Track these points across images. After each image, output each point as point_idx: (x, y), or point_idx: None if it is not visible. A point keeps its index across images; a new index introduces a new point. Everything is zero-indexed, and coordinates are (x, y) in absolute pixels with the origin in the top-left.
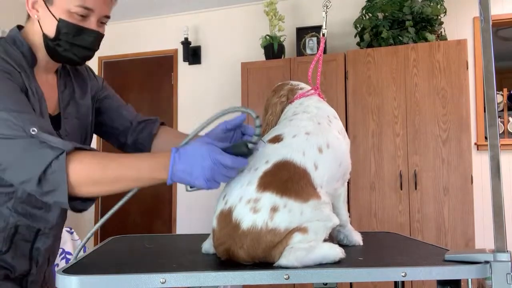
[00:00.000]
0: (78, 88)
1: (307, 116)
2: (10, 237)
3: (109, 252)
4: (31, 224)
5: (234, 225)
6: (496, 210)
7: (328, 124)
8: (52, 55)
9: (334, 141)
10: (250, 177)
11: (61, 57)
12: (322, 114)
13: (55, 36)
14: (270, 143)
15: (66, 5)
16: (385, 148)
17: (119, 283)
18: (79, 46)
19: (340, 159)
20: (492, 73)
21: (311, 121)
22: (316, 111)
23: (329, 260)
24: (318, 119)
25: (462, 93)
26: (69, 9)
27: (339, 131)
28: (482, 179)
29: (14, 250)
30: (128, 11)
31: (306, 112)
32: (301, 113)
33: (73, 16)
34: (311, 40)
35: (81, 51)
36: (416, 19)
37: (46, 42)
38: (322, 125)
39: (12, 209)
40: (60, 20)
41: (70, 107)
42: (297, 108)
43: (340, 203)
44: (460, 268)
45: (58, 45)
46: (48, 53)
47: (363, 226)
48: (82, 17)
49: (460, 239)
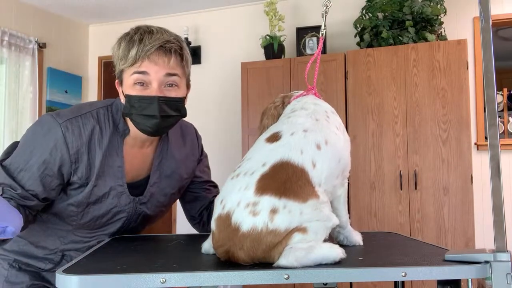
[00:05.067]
0: (183, 150)
1: (305, 112)
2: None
3: (109, 252)
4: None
5: (234, 228)
6: (496, 210)
7: (326, 120)
8: (139, 129)
9: (333, 137)
10: (248, 181)
11: (145, 131)
12: (320, 110)
13: (128, 112)
14: (268, 142)
15: (128, 79)
16: (385, 148)
17: (119, 283)
18: (146, 116)
19: (339, 155)
20: (492, 73)
21: (309, 117)
22: (314, 107)
23: (329, 261)
24: (316, 115)
25: (462, 93)
26: (131, 82)
27: (338, 127)
28: (482, 179)
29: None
30: (128, 11)
31: (304, 108)
32: (299, 109)
33: (135, 88)
34: (311, 40)
35: (149, 120)
36: (416, 19)
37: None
38: (320, 122)
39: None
40: (127, 95)
41: (161, 172)
42: (295, 105)
43: (340, 204)
44: (460, 268)
45: (132, 119)
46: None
47: (363, 226)
48: (142, 85)
49: (460, 239)
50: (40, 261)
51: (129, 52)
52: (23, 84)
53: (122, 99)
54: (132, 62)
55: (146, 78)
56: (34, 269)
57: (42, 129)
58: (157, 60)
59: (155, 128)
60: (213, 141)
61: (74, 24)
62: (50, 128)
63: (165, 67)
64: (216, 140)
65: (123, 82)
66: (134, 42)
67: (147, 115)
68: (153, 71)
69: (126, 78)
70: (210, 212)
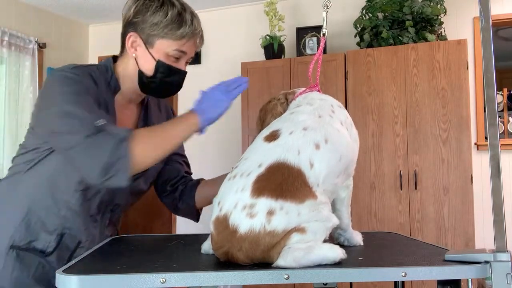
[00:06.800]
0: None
1: (309, 109)
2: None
3: (109, 252)
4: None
5: (232, 230)
6: (496, 210)
7: (330, 116)
8: (143, 89)
9: (334, 135)
10: (244, 182)
11: (152, 92)
12: (325, 105)
13: (153, 75)
14: (266, 141)
15: (165, 48)
16: (385, 148)
17: (119, 283)
18: (170, 83)
19: (340, 153)
20: (492, 73)
21: (312, 114)
22: (319, 102)
23: (328, 261)
24: (320, 111)
25: (462, 93)
26: (167, 52)
27: (342, 122)
28: (482, 179)
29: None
30: None
31: (310, 104)
32: (304, 104)
33: (169, 58)
34: (311, 40)
35: (171, 89)
36: (416, 19)
37: (141, 78)
38: (323, 118)
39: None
40: (159, 61)
41: None
42: (301, 101)
43: (343, 207)
44: (460, 268)
45: (152, 82)
46: (140, 87)
47: (363, 226)
48: (176, 59)
49: (460, 239)
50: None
51: (179, 29)
52: (23, 84)
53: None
54: (178, 38)
55: (182, 55)
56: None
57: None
58: (197, 45)
59: (169, 95)
60: (213, 141)
61: (74, 24)
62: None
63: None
64: (216, 140)
65: (153, 45)
66: (186, 21)
67: (171, 83)
68: (190, 52)
69: (162, 46)
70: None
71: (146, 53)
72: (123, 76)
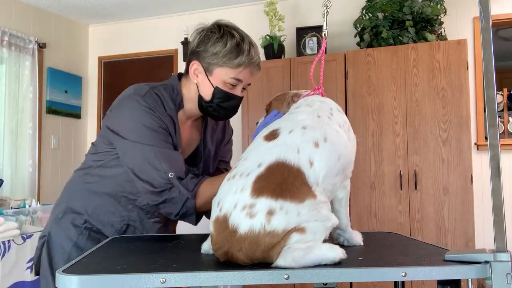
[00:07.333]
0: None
1: (308, 109)
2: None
3: (109, 252)
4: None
5: (232, 230)
6: (496, 210)
7: (328, 118)
8: (202, 111)
9: (333, 135)
10: (243, 182)
11: (210, 115)
12: (324, 107)
13: (210, 100)
14: (266, 140)
15: (223, 76)
16: (385, 148)
17: (119, 283)
18: (226, 108)
19: (339, 152)
20: (492, 73)
21: (311, 114)
22: (319, 104)
23: (328, 261)
24: (319, 112)
25: (462, 93)
26: (225, 80)
27: (341, 125)
28: (482, 179)
29: None
30: (128, 11)
31: (309, 105)
32: (303, 106)
33: (226, 85)
34: (311, 40)
35: (227, 113)
36: (416, 19)
37: (200, 102)
38: (321, 119)
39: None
40: (216, 88)
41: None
42: (301, 103)
43: (341, 207)
44: (460, 268)
45: (210, 106)
46: (200, 109)
47: (363, 226)
48: (233, 86)
49: (460, 239)
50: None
51: (236, 58)
52: (23, 84)
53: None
54: (235, 66)
55: (238, 83)
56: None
57: (139, 115)
58: (253, 73)
59: (225, 118)
60: None
61: (74, 24)
62: (140, 110)
63: (250, 79)
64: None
65: (212, 73)
66: (243, 51)
67: (227, 109)
68: (246, 80)
69: (220, 74)
70: None
71: (206, 80)
72: (187, 98)
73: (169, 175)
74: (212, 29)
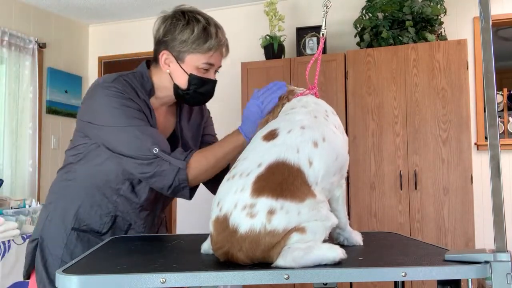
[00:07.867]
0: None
1: (304, 110)
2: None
3: (109, 252)
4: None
5: (232, 230)
6: (496, 210)
7: (325, 118)
8: (179, 99)
9: (330, 135)
10: (243, 182)
11: (187, 102)
12: (319, 109)
13: (187, 88)
14: (265, 140)
15: (195, 62)
16: (385, 148)
17: (119, 283)
18: (203, 94)
19: (336, 152)
20: (492, 73)
21: (308, 114)
22: (314, 105)
23: (328, 261)
24: (315, 113)
25: (462, 93)
26: (197, 66)
27: (336, 126)
28: (482, 179)
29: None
30: (128, 11)
31: (304, 106)
32: (299, 107)
33: (200, 71)
34: (311, 40)
35: (204, 98)
36: (416, 19)
37: (177, 91)
38: (318, 119)
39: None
40: (191, 74)
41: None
42: (296, 104)
43: (339, 206)
44: (460, 268)
45: (187, 94)
46: (176, 98)
47: (363, 226)
48: (206, 70)
49: (460, 239)
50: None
51: (206, 43)
52: (23, 84)
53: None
54: (206, 51)
55: (210, 67)
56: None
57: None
58: (224, 54)
59: (203, 103)
60: None
61: (74, 24)
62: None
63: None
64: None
65: (184, 60)
66: (212, 35)
67: (203, 93)
68: (217, 63)
69: (192, 60)
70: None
71: (179, 68)
72: (158, 86)
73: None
74: (177, 16)
